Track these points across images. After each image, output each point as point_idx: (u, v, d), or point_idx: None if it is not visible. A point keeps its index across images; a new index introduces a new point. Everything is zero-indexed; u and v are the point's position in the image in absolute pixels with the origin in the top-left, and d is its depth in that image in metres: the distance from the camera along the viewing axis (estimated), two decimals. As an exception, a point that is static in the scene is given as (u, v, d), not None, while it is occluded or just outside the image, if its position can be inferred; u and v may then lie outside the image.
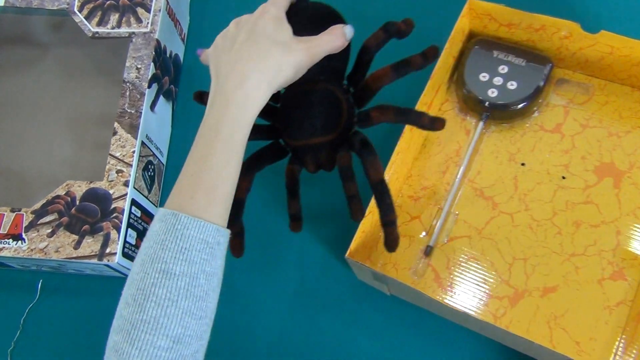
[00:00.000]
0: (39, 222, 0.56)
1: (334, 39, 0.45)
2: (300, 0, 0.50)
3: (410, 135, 0.55)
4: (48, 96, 0.66)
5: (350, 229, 0.50)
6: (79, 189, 0.57)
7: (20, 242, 0.55)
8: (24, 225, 0.56)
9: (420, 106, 0.54)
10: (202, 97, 0.55)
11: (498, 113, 0.58)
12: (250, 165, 0.50)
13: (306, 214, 0.55)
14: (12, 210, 0.56)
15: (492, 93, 0.57)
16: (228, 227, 0.42)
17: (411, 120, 0.48)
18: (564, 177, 0.56)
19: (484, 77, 0.58)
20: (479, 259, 0.54)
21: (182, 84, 0.71)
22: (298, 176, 0.50)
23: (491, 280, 0.53)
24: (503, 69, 0.58)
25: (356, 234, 0.50)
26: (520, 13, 0.56)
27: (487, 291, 0.53)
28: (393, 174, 0.54)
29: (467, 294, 0.53)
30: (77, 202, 0.56)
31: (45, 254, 0.54)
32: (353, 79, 0.51)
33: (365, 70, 0.50)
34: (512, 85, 0.57)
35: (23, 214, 0.56)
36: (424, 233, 0.56)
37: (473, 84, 0.58)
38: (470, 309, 0.52)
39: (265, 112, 0.48)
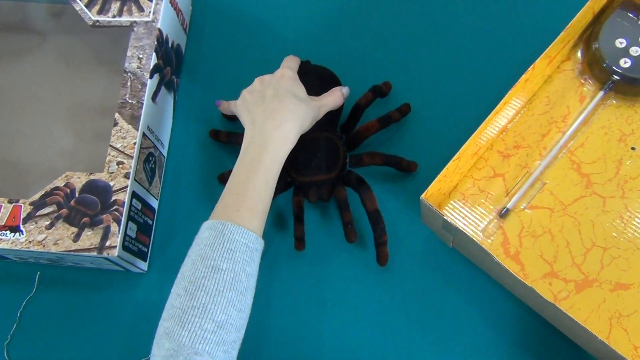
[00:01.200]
0: (37, 214, 0.55)
1: (335, 99, 0.59)
2: (304, 62, 0.64)
3: (523, 86, 0.52)
4: (47, 86, 0.65)
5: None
6: (79, 180, 0.56)
7: (18, 234, 0.54)
8: (22, 217, 0.54)
9: (542, 59, 0.53)
10: (217, 135, 0.65)
11: (623, 86, 0.54)
12: None
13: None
14: (10, 202, 0.55)
15: (625, 63, 0.52)
16: None
17: (393, 163, 0.61)
18: None
19: (620, 43, 0.53)
20: (556, 235, 0.51)
21: (184, 75, 0.70)
22: (303, 205, 0.59)
23: (563, 260, 0.50)
24: None
25: (437, 177, 0.49)
26: None
27: (554, 270, 0.50)
28: (486, 124, 0.51)
29: (532, 267, 0.51)
30: (77, 194, 0.55)
31: (44, 246, 0.53)
32: (346, 128, 0.63)
33: (356, 122, 0.63)
34: None
35: (21, 206, 0.55)
36: (504, 193, 0.54)
37: (606, 47, 0.53)
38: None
39: None
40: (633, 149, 0.53)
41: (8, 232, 0.54)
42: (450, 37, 0.70)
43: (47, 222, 0.54)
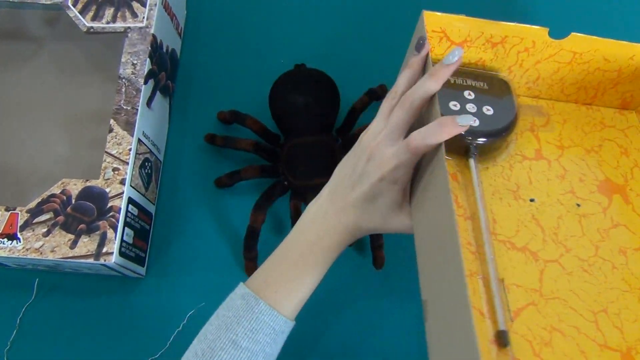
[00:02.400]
0: (34, 221, 0.55)
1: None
2: (299, 65, 0.64)
3: None
4: (42, 92, 0.65)
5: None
6: (75, 187, 0.56)
7: (15, 241, 0.54)
8: (19, 225, 0.55)
9: None
10: (213, 139, 0.64)
11: (482, 146, 0.49)
12: (264, 202, 0.59)
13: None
14: (7, 209, 0.55)
15: (474, 122, 0.46)
16: (247, 253, 0.58)
17: None
18: (578, 205, 0.50)
19: (454, 105, 0.49)
20: (561, 328, 0.44)
21: (179, 79, 0.70)
22: (300, 209, 0.58)
23: (589, 348, 0.43)
24: (470, 95, 0.50)
25: None
26: (483, 22, 0.49)
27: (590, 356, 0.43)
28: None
29: None
30: (73, 201, 0.55)
31: (41, 253, 0.53)
32: (342, 131, 0.63)
33: (352, 125, 0.63)
34: (488, 110, 0.50)
35: (18, 213, 0.55)
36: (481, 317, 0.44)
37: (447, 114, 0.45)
38: None
39: (270, 155, 0.62)
40: (532, 200, 0.49)
41: (6, 239, 0.54)
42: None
43: (44, 230, 0.54)
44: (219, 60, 0.71)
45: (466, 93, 0.51)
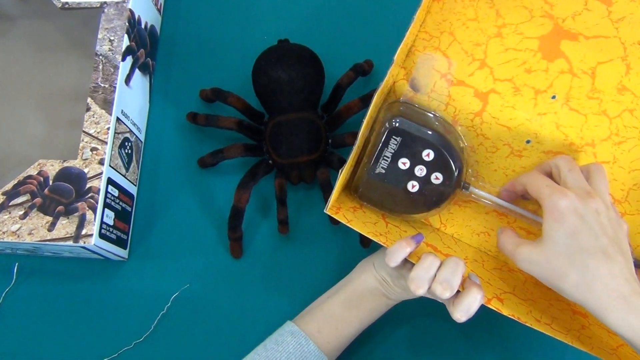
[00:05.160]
0: (10, 204, 0.53)
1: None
2: (282, 41, 0.63)
3: None
4: (16, 72, 0.63)
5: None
6: (52, 168, 0.54)
7: (-9, 224, 0.52)
8: (-6, 207, 0.53)
9: None
10: (195, 118, 0.62)
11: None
12: (248, 181, 0.58)
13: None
14: (-18, 192, 0.54)
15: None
16: (232, 233, 0.58)
17: None
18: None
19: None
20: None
21: (160, 57, 0.68)
22: (286, 187, 0.58)
23: None
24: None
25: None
26: None
27: None
28: None
29: None
30: (50, 182, 0.54)
31: (18, 236, 0.52)
32: (327, 108, 0.62)
33: (338, 101, 0.61)
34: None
35: (-7, 196, 0.53)
36: None
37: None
38: None
39: (254, 133, 0.61)
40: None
41: (-19, 223, 0.53)
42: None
43: (21, 212, 0.53)
44: (201, 37, 0.69)
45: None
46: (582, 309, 0.50)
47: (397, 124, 0.49)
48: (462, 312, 0.43)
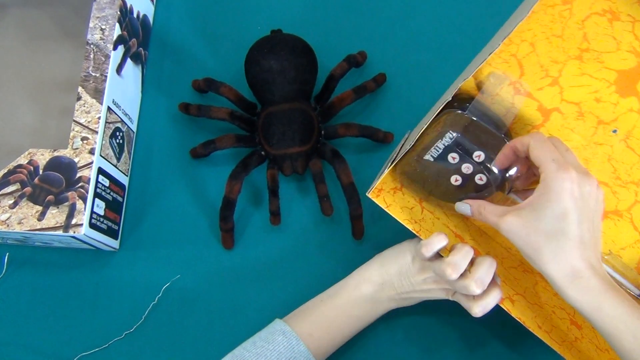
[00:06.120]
0: (0, 193, 0.53)
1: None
2: (275, 31, 0.62)
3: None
4: (7, 60, 0.62)
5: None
6: (42, 157, 0.54)
7: (-20, 214, 0.52)
8: (-16, 197, 0.53)
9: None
10: (187, 109, 0.62)
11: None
12: (240, 172, 0.57)
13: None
14: (-29, 181, 0.53)
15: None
16: (223, 224, 0.57)
17: (369, 134, 0.60)
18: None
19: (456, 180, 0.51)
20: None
21: (153, 47, 0.67)
22: (278, 178, 0.58)
23: None
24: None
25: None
26: None
27: None
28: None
29: None
30: (41, 172, 0.53)
31: (8, 226, 0.52)
32: (320, 99, 0.61)
33: (331, 92, 0.61)
34: (478, 157, 0.50)
35: (-17, 185, 0.53)
36: None
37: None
38: None
39: (246, 124, 0.60)
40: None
41: (-29, 212, 0.52)
42: (425, 6, 0.68)
43: (11, 201, 0.53)
44: (194, 27, 0.68)
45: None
46: (579, 320, 0.52)
47: (458, 126, 0.49)
48: (482, 307, 0.46)
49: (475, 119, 0.49)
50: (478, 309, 0.46)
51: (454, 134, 0.48)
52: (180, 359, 0.56)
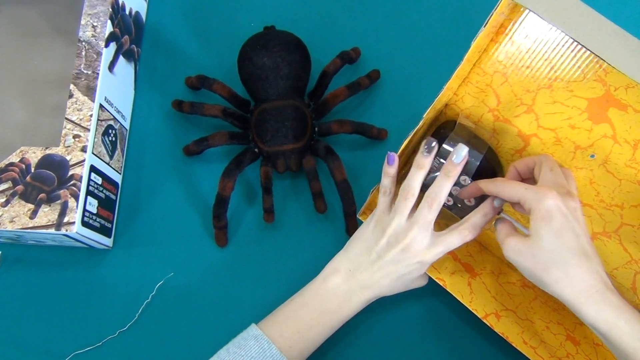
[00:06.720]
0: (-9, 191, 0.53)
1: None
2: (268, 28, 0.62)
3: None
4: (0, 57, 0.62)
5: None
6: (34, 155, 0.54)
7: (-29, 212, 0.52)
8: (-25, 195, 0.52)
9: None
10: (180, 106, 0.61)
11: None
12: (233, 169, 0.57)
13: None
14: (-37, 179, 0.53)
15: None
16: (216, 222, 0.57)
17: (363, 131, 0.60)
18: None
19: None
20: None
21: (145, 44, 0.67)
22: (271, 176, 0.57)
23: None
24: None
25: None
26: None
27: None
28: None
29: None
30: (32, 170, 0.53)
31: (0, 224, 0.51)
32: (314, 96, 0.61)
33: (324, 89, 0.61)
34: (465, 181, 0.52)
35: (-26, 183, 0.53)
36: None
37: None
38: None
39: (239, 121, 0.60)
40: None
41: (-38, 210, 0.52)
42: (418, 2, 0.68)
43: (3, 200, 0.52)
44: (187, 24, 0.68)
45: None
46: (578, 336, 0.52)
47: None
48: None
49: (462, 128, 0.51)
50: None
51: (441, 160, 0.50)
52: (174, 357, 0.56)
